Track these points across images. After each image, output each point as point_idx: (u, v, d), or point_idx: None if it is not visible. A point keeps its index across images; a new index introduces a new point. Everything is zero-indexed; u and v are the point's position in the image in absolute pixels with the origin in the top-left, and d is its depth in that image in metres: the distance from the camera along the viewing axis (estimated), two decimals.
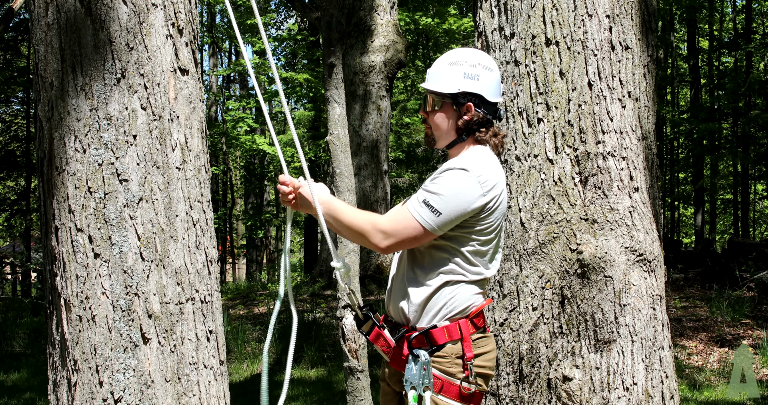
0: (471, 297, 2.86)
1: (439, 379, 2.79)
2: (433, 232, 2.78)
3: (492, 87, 2.96)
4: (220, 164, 29.14)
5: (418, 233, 2.79)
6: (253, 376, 9.46)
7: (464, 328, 2.82)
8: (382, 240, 2.83)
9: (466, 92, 2.93)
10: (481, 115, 2.94)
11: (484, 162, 2.85)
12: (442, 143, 3.02)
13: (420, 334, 2.83)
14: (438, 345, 2.81)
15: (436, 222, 2.76)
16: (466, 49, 3.04)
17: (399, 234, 2.81)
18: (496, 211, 2.85)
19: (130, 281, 2.97)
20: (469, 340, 2.82)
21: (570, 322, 3.90)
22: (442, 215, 2.75)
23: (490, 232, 2.86)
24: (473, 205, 2.76)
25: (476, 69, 2.94)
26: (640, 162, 4.13)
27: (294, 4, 13.85)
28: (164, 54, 3.12)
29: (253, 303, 14.38)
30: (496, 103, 2.99)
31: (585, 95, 4.06)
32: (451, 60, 3.00)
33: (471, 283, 2.86)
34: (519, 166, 4.13)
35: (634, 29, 4.22)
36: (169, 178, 3.09)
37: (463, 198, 2.76)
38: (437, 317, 2.83)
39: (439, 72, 2.99)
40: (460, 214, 2.76)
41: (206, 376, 3.15)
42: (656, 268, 4.03)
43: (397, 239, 2.81)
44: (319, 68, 20.83)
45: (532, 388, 3.94)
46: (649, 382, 3.90)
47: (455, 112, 2.96)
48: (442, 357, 2.81)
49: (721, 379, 8.41)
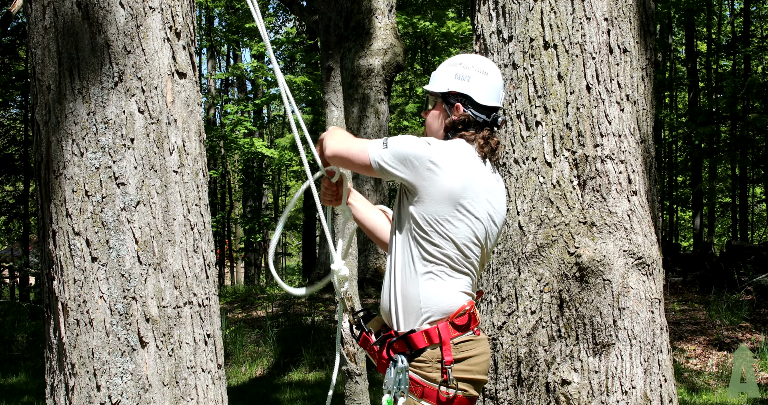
0: (450, 298, 2.82)
1: (420, 384, 2.76)
2: (373, 163, 2.82)
3: (484, 90, 2.96)
4: (218, 167, 29.13)
5: (361, 153, 2.86)
6: (251, 379, 9.46)
7: (443, 331, 2.78)
8: (334, 144, 2.95)
9: (455, 92, 2.96)
10: (469, 115, 2.94)
11: (450, 145, 2.87)
12: None
13: (400, 339, 2.82)
14: (418, 349, 2.79)
15: (379, 153, 2.80)
16: (471, 55, 3.08)
17: (346, 146, 2.92)
18: (444, 183, 2.76)
19: (127, 285, 2.96)
20: (448, 344, 2.78)
21: (568, 326, 3.90)
22: (387, 149, 2.79)
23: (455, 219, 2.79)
24: (418, 157, 2.75)
25: (469, 71, 2.97)
26: (638, 165, 4.13)
27: (292, 8, 13.86)
28: (162, 57, 3.12)
29: (252, 307, 14.36)
30: (494, 109, 2.98)
31: (583, 98, 4.06)
32: (449, 62, 3.05)
33: (450, 285, 2.83)
34: (517, 169, 4.13)
35: (632, 32, 4.22)
36: (166, 181, 3.08)
37: (412, 147, 2.78)
38: (418, 321, 2.81)
39: (436, 73, 3.06)
40: (403, 155, 2.77)
41: (204, 379, 3.15)
42: (655, 271, 4.03)
43: (340, 148, 2.93)
44: (317, 72, 20.84)
45: (531, 391, 3.93)
46: (648, 386, 3.90)
47: (445, 111, 2.99)
48: (422, 362, 2.78)
49: (719, 383, 8.41)
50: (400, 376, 2.76)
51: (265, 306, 13.96)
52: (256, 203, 29.69)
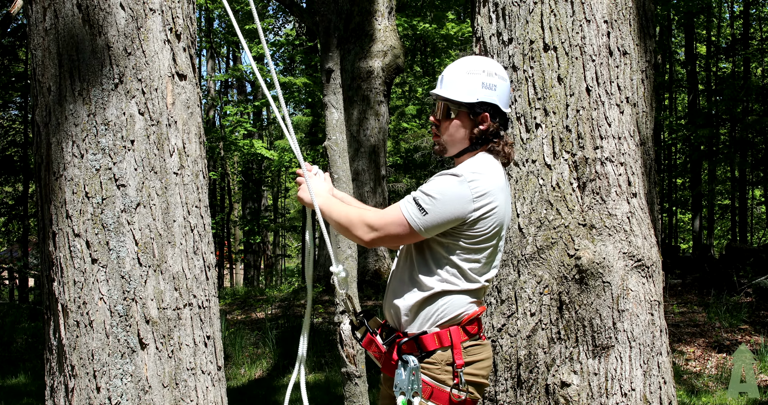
0: (464, 305, 2.85)
1: (429, 385, 2.78)
2: (418, 232, 2.77)
3: (506, 97, 2.96)
4: (218, 169, 29.12)
5: (403, 230, 2.80)
6: (250, 381, 9.45)
7: (455, 335, 2.81)
8: (367, 233, 2.85)
9: (483, 102, 2.91)
10: (496, 125, 2.93)
11: (483, 170, 2.84)
12: (453, 151, 3.00)
13: (410, 340, 2.83)
14: (428, 351, 2.81)
15: (422, 221, 2.75)
16: (480, 58, 3.03)
17: (384, 228, 2.83)
18: (487, 219, 2.81)
19: (127, 287, 2.96)
20: (459, 348, 2.81)
21: (568, 328, 3.90)
22: (428, 215, 2.74)
23: (482, 241, 2.83)
24: (461, 210, 2.74)
25: (493, 78, 2.92)
26: (638, 167, 4.13)
27: (292, 10, 13.86)
28: (162, 59, 3.12)
29: (251, 308, 14.35)
30: (506, 113, 2.99)
31: (583, 100, 4.06)
32: (468, 69, 2.96)
33: (464, 292, 2.85)
34: (517, 171, 4.13)
35: (632, 34, 4.22)
36: (166, 183, 3.08)
37: (451, 202, 2.74)
38: (428, 323, 2.83)
39: (456, 80, 2.96)
40: (447, 217, 2.75)
41: (204, 381, 3.15)
42: (654, 273, 4.03)
43: (382, 233, 2.83)
44: (317, 73, 20.83)
45: (530, 393, 3.93)
46: (648, 388, 3.90)
47: (471, 121, 2.94)
48: (432, 363, 2.80)
49: (719, 385, 8.40)
50: (413, 377, 2.77)
51: (265, 308, 13.95)
52: (256, 205, 29.67)
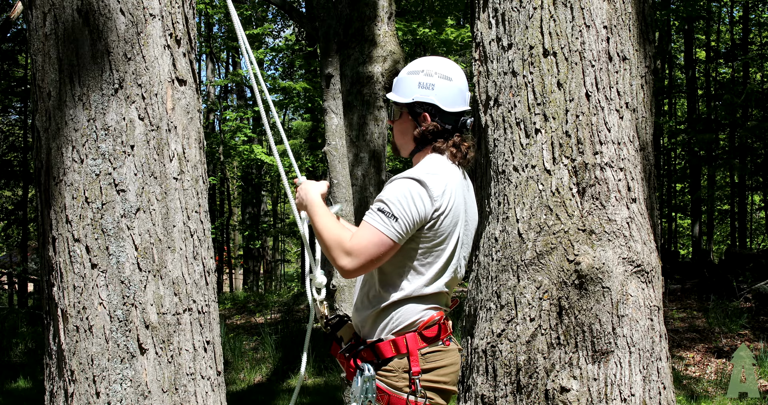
0: (420, 311, 2.82)
1: (386, 392, 2.77)
2: (397, 241, 2.72)
3: (449, 96, 2.92)
4: (218, 174, 29.13)
5: (384, 247, 2.72)
6: (250, 386, 9.44)
7: (411, 342, 2.79)
8: (349, 262, 2.74)
9: (420, 102, 2.90)
10: (437, 125, 2.91)
11: (435, 169, 2.82)
12: (404, 152, 3.03)
13: (367, 348, 2.82)
14: (384, 358, 2.79)
15: (397, 227, 2.70)
16: (430, 58, 3.02)
17: (365, 252, 2.72)
18: (446, 219, 2.79)
19: (127, 292, 2.96)
20: (416, 355, 2.78)
21: (567, 333, 3.90)
22: (399, 220, 2.70)
23: (439, 243, 2.81)
24: (423, 211, 2.72)
25: (432, 78, 2.91)
26: (637, 173, 4.14)
27: (292, 15, 13.88)
28: (162, 64, 3.12)
29: (251, 313, 14.35)
30: (461, 113, 2.95)
31: (582, 106, 4.06)
32: (410, 69, 2.99)
33: (422, 298, 2.83)
34: (517, 176, 4.13)
35: (631, 40, 4.23)
36: (166, 188, 3.08)
37: (415, 203, 2.72)
38: (385, 331, 2.82)
39: (399, 81, 2.99)
40: (414, 219, 2.72)
41: (203, 386, 3.14)
42: (654, 278, 4.03)
43: (363, 259, 2.73)
44: (316, 78, 20.83)
45: (530, 399, 3.93)
46: (647, 393, 3.90)
47: (412, 121, 2.94)
48: (389, 371, 2.79)
49: (718, 390, 8.40)
50: (367, 385, 2.76)
51: (264, 313, 13.95)
52: (255, 210, 29.66)
